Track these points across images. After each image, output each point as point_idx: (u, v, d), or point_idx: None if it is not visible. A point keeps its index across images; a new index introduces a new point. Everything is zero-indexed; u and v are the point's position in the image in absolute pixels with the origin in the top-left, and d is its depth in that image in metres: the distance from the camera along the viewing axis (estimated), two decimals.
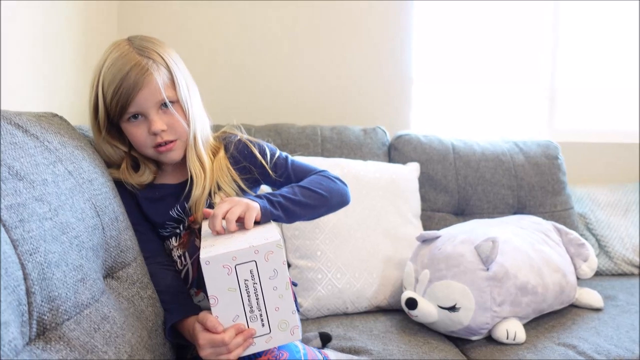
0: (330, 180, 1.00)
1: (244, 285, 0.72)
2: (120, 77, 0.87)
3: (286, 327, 0.75)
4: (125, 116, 0.91)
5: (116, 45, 0.92)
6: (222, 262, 0.71)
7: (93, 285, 0.71)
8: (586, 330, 1.19)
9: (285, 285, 0.73)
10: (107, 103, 0.89)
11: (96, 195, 0.81)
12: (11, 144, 0.68)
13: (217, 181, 0.97)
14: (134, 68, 0.87)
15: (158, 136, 0.91)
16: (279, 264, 0.72)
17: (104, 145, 0.95)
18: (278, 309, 0.74)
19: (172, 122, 0.92)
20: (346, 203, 1.03)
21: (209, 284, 0.72)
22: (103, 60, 0.90)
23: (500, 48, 1.99)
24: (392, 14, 1.84)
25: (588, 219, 1.75)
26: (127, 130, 0.93)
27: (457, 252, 1.15)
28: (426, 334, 1.16)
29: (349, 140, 1.60)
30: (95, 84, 0.91)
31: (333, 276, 1.29)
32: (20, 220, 0.61)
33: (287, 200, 0.90)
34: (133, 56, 0.88)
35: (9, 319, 0.53)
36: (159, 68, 0.90)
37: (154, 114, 0.90)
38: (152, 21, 1.70)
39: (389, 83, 1.86)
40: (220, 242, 0.76)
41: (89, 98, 0.93)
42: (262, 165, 1.01)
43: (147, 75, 0.88)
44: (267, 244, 0.72)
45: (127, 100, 0.88)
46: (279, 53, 1.80)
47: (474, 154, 1.64)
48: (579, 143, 1.99)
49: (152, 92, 0.88)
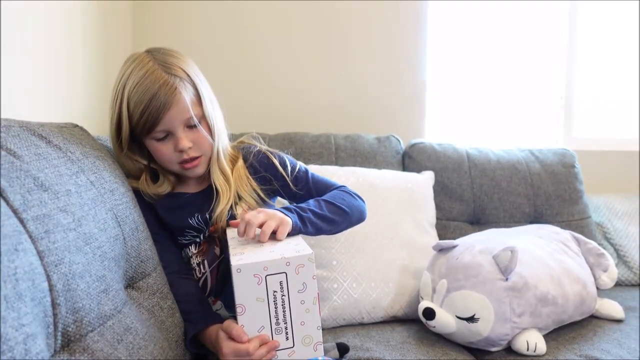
0: (351, 197, 1.02)
1: (272, 296, 0.71)
2: (148, 96, 0.85)
3: (310, 342, 0.74)
4: (152, 135, 0.90)
5: (138, 61, 0.89)
6: (253, 271, 0.70)
7: (115, 296, 0.71)
8: (608, 342, 1.17)
9: (313, 300, 0.73)
10: (133, 122, 0.88)
11: (117, 206, 0.81)
12: (35, 155, 0.68)
13: (237, 191, 0.97)
14: (162, 87, 0.86)
15: (184, 153, 0.91)
16: (308, 277, 0.72)
17: (125, 160, 0.95)
18: (304, 323, 0.73)
19: (198, 139, 0.92)
20: (363, 219, 1.06)
21: (237, 292, 0.71)
22: (126, 77, 0.88)
23: (515, 56, 1.99)
24: (406, 22, 1.84)
25: (606, 228, 1.72)
26: (151, 147, 0.93)
27: (475, 261, 1.14)
28: (444, 345, 1.14)
29: (362, 148, 1.59)
30: (118, 102, 0.89)
31: (349, 286, 1.28)
32: (46, 232, 0.61)
33: (315, 217, 0.91)
34: (160, 74, 0.87)
35: (36, 331, 0.53)
36: (185, 86, 0.89)
37: (180, 131, 0.90)
38: (166, 32, 1.72)
39: (402, 91, 1.86)
40: (250, 251, 0.76)
41: (111, 115, 0.92)
42: (282, 177, 1.01)
43: (176, 95, 0.87)
44: (299, 257, 0.71)
45: (156, 120, 0.87)
46: (293, 62, 1.80)
47: (489, 162, 1.63)
48: (595, 151, 1.97)
49: (180, 111, 0.88)
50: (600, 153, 1.98)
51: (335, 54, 1.82)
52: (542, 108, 2.03)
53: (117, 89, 0.90)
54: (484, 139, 1.90)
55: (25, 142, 0.68)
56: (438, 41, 1.91)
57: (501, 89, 1.99)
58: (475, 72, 1.97)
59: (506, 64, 1.98)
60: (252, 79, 1.78)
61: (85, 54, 1.36)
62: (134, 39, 1.70)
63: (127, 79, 0.88)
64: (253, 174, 1.01)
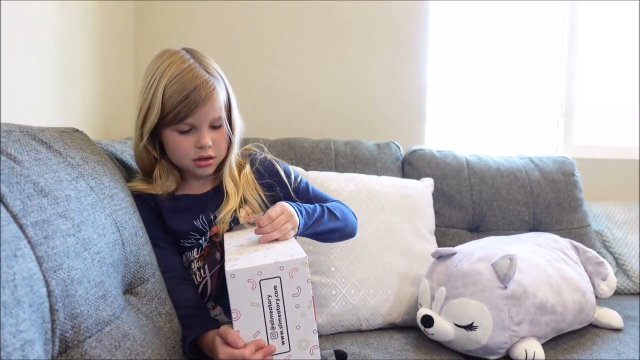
0: (349, 211, 1.07)
1: (267, 301, 0.71)
2: (189, 89, 0.89)
3: (306, 346, 0.74)
4: (178, 126, 0.92)
5: (178, 56, 0.92)
6: (247, 276, 0.71)
7: (114, 301, 0.71)
8: (607, 351, 1.16)
9: (307, 303, 0.73)
10: (165, 110, 0.90)
11: (117, 211, 0.81)
12: (36, 160, 0.68)
13: (244, 194, 0.99)
14: (203, 84, 0.90)
15: (203, 150, 0.94)
16: (303, 281, 0.72)
17: (142, 151, 0.97)
18: (299, 327, 0.73)
19: (218, 140, 0.96)
20: (353, 235, 1.10)
21: (232, 298, 0.71)
22: (164, 68, 0.91)
23: (516, 63, 1.99)
24: (407, 28, 1.84)
25: (605, 236, 1.72)
26: (171, 139, 0.94)
27: (474, 269, 1.14)
28: (442, 353, 1.14)
29: (362, 155, 1.59)
30: (152, 89, 0.91)
31: (347, 292, 1.28)
32: (45, 237, 0.61)
33: (318, 223, 0.96)
34: (201, 72, 0.91)
35: (34, 337, 0.53)
36: (221, 88, 0.94)
37: (205, 128, 0.94)
38: (168, 34, 1.72)
39: (402, 98, 1.86)
40: (245, 256, 0.76)
41: (141, 102, 0.93)
42: (285, 185, 1.04)
43: (214, 94, 0.92)
44: (293, 261, 0.71)
45: (189, 113, 0.90)
46: (293, 67, 1.81)
47: (489, 169, 1.63)
48: (595, 159, 1.97)
49: (213, 109, 0.92)
50: (600, 161, 1.99)
51: (335, 59, 1.83)
52: (542, 115, 2.03)
53: (153, 77, 0.91)
54: (484, 146, 1.90)
55: (25, 147, 0.69)
56: (438, 48, 1.91)
57: (501, 96, 2.00)
58: (476, 79, 1.98)
59: (506, 71, 1.99)
60: (252, 84, 1.79)
61: (85, 58, 1.36)
62: (135, 42, 1.70)
63: (166, 70, 0.90)
64: (258, 179, 1.04)
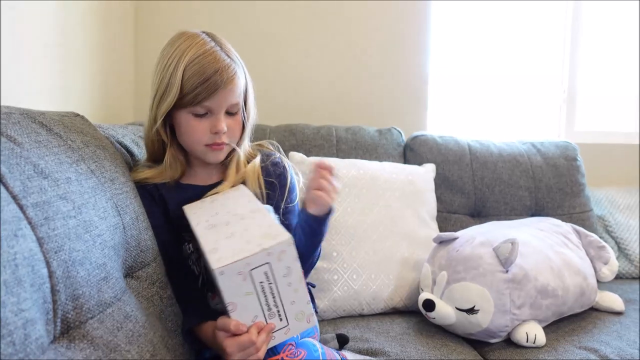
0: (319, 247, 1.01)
1: (259, 287, 0.71)
2: (211, 71, 0.87)
3: (302, 317, 0.75)
4: (195, 108, 0.90)
5: (196, 39, 0.90)
6: (236, 270, 0.69)
7: (115, 284, 0.71)
8: (608, 334, 1.17)
9: (299, 279, 0.73)
10: (184, 90, 0.87)
11: (117, 195, 0.81)
12: (36, 142, 0.68)
13: (246, 180, 0.97)
14: (225, 68, 0.88)
15: (217, 136, 0.92)
16: (291, 261, 0.72)
17: (154, 135, 0.94)
18: (294, 302, 0.74)
19: (233, 126, 0.94)
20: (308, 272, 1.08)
21: (225, 292, 0.70)
22: (184, 48, 0.88)
23: (518, 49, 1.98)
24: (409, 14, 1.83)
25: (607, 221, 1.72)
26: (186, 122, 0.92)
27: (475, 253, 1.14)
28: (444, 336, 1.14)
29: (364, 141, 1.59)
30: (171, 69, 0.88)
31: (349, 277, 1.28)
32: (46, 218, 0.61)
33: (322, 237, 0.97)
34: (222, 55, 0.90)
35: (36, 317, 0.53)
36: (241, 75, 0.93)
37: (222, 113, 0.92)
38: (169, 20, 1.71)
39: (404, 84, 1.85)
40: (223, 242, 0.74)
41: (157, 83, 0.91)
42: (282, 195, 1.00)
43: (235, 79, 0.90)
44: (279, 244, 0.70)
45: (209, 95, 0.88)
46: (295, 53, 1.80)
47: (491, 155, 1.63)
48: (598, 144, 1.97)
49: (233, 94, 0.91)
50: (603, 146, 1.98)
51: (337, 45, 1.81)
52: (544, 101, 2.02)
53: (172, 57, 0.89)
54: (486, 132, 1.90)
55: (25, 130, 0.68)
56: (441, 34, 1.90)
57: (504, 82, 1.99)
58: (478, 65, 1.96)
59: (509, 57, 1.98)
60: (254, 71, 1.76)
61: (85, 43, 1.35)
62: (135, 27, 1.69)
63: (186, 50, 0.88)
64: (264, 175, 1.00)
